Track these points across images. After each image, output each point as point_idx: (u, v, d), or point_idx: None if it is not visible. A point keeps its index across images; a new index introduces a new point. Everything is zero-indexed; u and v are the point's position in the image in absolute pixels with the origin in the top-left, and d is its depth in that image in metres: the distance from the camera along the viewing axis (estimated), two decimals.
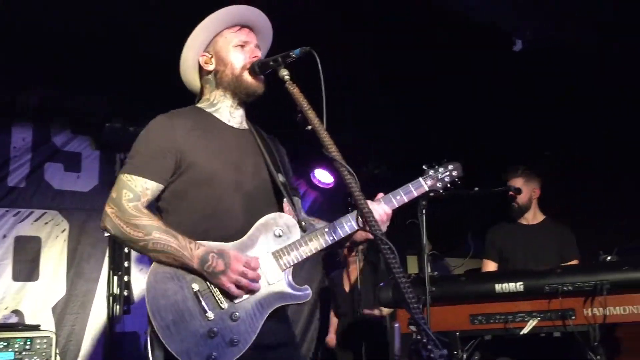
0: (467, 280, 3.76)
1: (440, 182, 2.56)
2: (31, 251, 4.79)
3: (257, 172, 2.41)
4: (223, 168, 2.33)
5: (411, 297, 1.94)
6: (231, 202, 2.30)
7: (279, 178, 2.42)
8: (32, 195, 4.85)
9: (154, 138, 2.31)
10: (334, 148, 2.10)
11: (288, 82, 2.25)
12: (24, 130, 4.88)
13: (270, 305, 2.19)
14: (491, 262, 4.63)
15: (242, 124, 2.52)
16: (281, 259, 2.25)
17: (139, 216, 2.16)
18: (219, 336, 2.10)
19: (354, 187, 2.06)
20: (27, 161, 4.85)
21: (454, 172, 2.60)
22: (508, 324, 3.50)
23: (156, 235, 2.13)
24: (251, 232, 2.26)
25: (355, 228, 2.34)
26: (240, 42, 2.45)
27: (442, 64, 4.85)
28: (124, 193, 2.20)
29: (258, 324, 2.16)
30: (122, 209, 2.17)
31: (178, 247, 2.12)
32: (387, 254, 1.98)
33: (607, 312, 3.25)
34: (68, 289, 4.88)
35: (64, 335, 4.74)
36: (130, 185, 2.22)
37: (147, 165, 2.26)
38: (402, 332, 3.62)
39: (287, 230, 2.30)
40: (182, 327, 2.08)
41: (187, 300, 2.12)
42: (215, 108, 2.46)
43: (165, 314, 2.09)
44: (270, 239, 2.27)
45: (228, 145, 2.40)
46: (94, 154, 5.24)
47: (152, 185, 2.25)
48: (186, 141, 2.30)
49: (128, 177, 2.23)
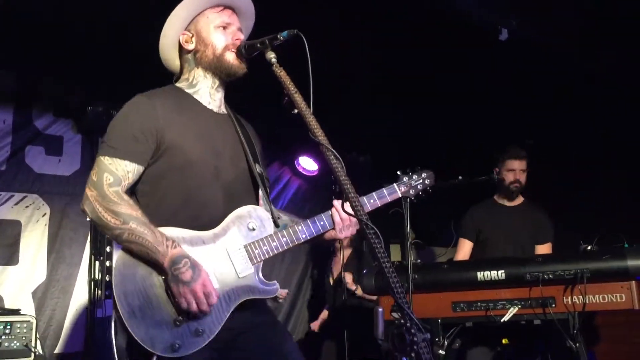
0: (450, 268, 3.79)
1: (413, 189, 2.62)
2: (11, 235, 4.72)
3: (236, 160, 2.39)
4: (203, 153, 2.30)
5: (395, 282, 1.95)
6: (211, 190, 2.28)
7: (256, 168, 2.41)
8: (13, 178, 4.77)
9: (133, 119, 2.25)
10: (320, 132, 2.10)
11: (275, 65, 2.24)
12: (4, 112, 4.78)
13: (237, 298, 2.18)
14: (467, 241, 4.67)
15: (221, 108, 2.49)
16: (252, 253, 2.23)
17: (119, 203, 2.12)
18: (184, 325, 2.08)
19: (339, 172, 2.06)
20: (8, 144, 4.77)
21: (427, 181, 2.66)
22: (489, 311, 3.54)
23: (133, 225, 2.09)
24: (225, 223, 2.24)
25: (328, 227, 2.36)
26: (223, 23, 2.41)
27: (427, 55, 4.85)
28: (105, 177, 2.15)
29: (224, 315, 2.15)
30: (102, 194, 2.13)
31: (154, 242, 2.08)
32: (372, 238, 1.98)
33: (586, 300, 3.30)
34: (49, 274, 4.82)
35: (45, 320, 4.69)
36: (111, 168, 2.17)
37: (128, 147, 2.20)
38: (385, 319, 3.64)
39: (260, 224, 2.29)
40: (147, 314, 2.06)
41: (154, 286, 2.09)
42: (195, 89, 2.42)
43: (132, 299, 2.06)
44: (244, 231, 2.26)
45: (208, 130, 2.37)
46: (76, 138, 5.16)
47: (133, 167, 2.21)
48: (167, 122, 2.26)
49: (109, 159, 2.18)
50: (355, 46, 4.73)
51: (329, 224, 2.36)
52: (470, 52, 4.72)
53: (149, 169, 2.26)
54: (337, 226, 2.37)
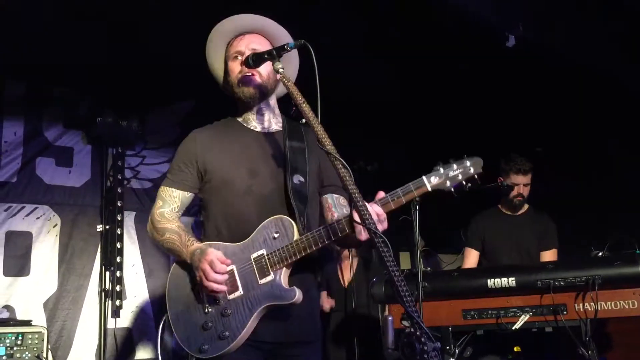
0: (460, 275, 3.77)
1: (451, 180, 2.23)
2: (22, 246, 4.75)
3: (274, 177, 2.48)
4: (237, 172, 2.47)
5: (405, 291, 1.94)
6: (243, 206, 2.43)
7: (292, 181, 2.44)
8: (24, 190, 4.81)
9: (179, 153, 2.60)
10: (328, 141, 2.10)
11: (282, 75, 2.25)
12: (15, 124, 4.83)
13: (259, 304, 2.30)
14: (474, 250, 4.66)
15: (272, 126, 2.58)
16: (272, 259, 2.32)
17: (161, 220, 2.50)
18: (212, 329, 2.31)
19: (348, 181, 2.06)
20: (19, 156, 4.81)
21: (471, 169, 2.26)
22: (500, 319, 3.52)
23: (167, 235, 2.47)
24: (253, 235, 2.38)
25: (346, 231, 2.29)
26: (235, 53, 2.52)
27: (435, 63, 4.86)
28: (157, 202, 2.55)
29: (247, 320, 2.28)
30: (152, 216, 2.54)
31: (180, 244, 2.42)
32: (381, 247, 1.98)
33: (598, 307, 3.27)
34: (59, 284, 4.84)
35: (56, 331, 4.71)
36: (162, 195, 2.56)
37: (174, 177, 2.56)
38: (394, 327, 3.62)
39: (283, 233, 2.35)
40: (187, 317, 2.37)
41: (191, 294, 2.40)
42: (242, 118, 2.61)
43: (176, 304, 2.41)
44: (268, 240, 2.36)
45: (245, 151, 2.51)
46: (86, 149, 5.20)
47: (178, 193, 2.54)
48: (205, 152, 2.52)
49: (162, 188, 2.58)
50: (364, 55, 4.75)
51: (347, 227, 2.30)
52: (478, 58, 4.72)
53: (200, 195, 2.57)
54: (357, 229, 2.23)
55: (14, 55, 4.48)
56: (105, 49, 4.47)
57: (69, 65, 4.65)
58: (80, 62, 4.58)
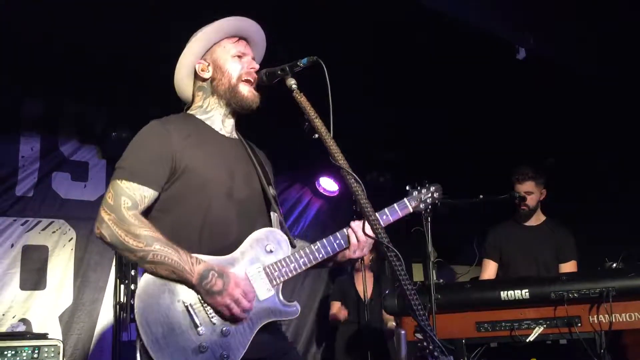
0: (473, 287, 3.77)
1: (423, 203, 2.64)
2: (38, 260, 4.80)
3: (249, 181, 2.43)
4: (217, 174, 2.34)
5: (417, 304, 1.96)
6: (225, 210, 2.30)
7: (269, 190, 2.45)
8: (40, 204, 4.88)
9: (149, 144, 2.29)
10: (341, 156, 2.13)
11: (295, 91, 2.29)
12: (32, 140, 4.91)
13: (260, 321, 2.21)
14: (492, 261, 4.64)
15: (232, 133, 2.54)
16: (272, 275, 2.26)
17: (139, 226, 2.13)
18: (209, 351, 2.10)
19: (360, 195, 2.08)
20: (35, 170, 4.88)
21: (435, 194, 2.68)
22: (514, 331, 3.51)
23: (157, 246, 2.10)
24: (243, 247, 2.27)
25: (344, 246, 2.38)
26: (239, 52, 2.49)
27: (446, 75, 4.88)
28: (123, 200, 2.16)
29: (248, 339, 2.17)
30: (120, 217, 2.13)
31: (179, 260, 2.10)
32: (393, 261, 2.00)
33: (613, 319, 3.26)
34: (75, 298, 4.89)
35: (71, 344, 4.75)
36: (128, 192, 2.18)
37: (145, 172, 2.23)
38: (407, 340, 3.62)
39: (277, 246, 2.32)
40: (171, 341, 2.07)
41: (177, 314, 2.10)
42: (208, 115, 2.48)
43: (155, 327, 2.07)
44: (261, 254, 2.28)
45: (221, 153, 2.42)
46: (101, 163, 5.26)
47: (150, 193, 2.23)
48: (182, 147, 2.30)
49: (126, 183, 2.20)
50: (373, 64, 4.78)
51: (345, 242, 2.38)
52: (489, 71, 4.74)
53: (163, 194, 2.29)
54: (352, 247, 2.40)
55: (30, 72, 4.56)
56: (120, 66, 4.53)
57: (84, 81, 4.72)
58: (95, 78, 4.64)
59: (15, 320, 4.59)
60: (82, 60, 4.44)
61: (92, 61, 4.46)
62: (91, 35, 4.13)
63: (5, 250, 4.66)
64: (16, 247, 4.71)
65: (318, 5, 3.83)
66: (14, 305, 4.61)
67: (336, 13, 3.97)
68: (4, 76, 4.53)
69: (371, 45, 4.45)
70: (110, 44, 4.28)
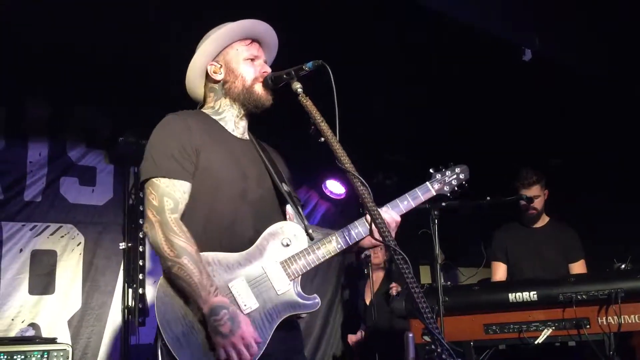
0: (481, 289, 3.76)
1: (448, 185, 2.53)
2: (47, 265, 4.82)
3: (262, 181, 2.44)
4: (231, 175, 2.36)
5: (425, 307, 1.96)
6: (240, 211, 2.32)
7: (282, 187, 2.46)
8: (48, 209, 4.89)
9: (176, 138, 2.30)
10: (347, 160, 2.14)
11: (301, 95, 2.29)
12: (40, 145, 4.93)
13: (279, 315, 2.20)
14: (502, 263, 4.62)
15: (244, 134, 2.56)
16: (289, 268, 2.25)
17: (179, 234, 2.15)
18: None
19: (367, 199, 2.09)
20: (43, 176, 4.90)
21: (461, 175, 2.58)
22: (522, 333, 3.50)
23: (185, 261, 2.11)
24: (259, 242, 2.27)
25: (363, 235, 2.35)
26: (252, 55, 2.51)
27: (452, 76, 4.88)
28: (166, 201, 2.18)
29: (268, 334, 2.16)
30: (164, 220, 2.16)
31: (199, 283, 2.09)
32: (400, 264, 2.00)
33: (622, 320, 3.24)
34: (84, 302, 4.90)
35: (80, 348, 4.77)
36: (168, 190, 2.20)
37: (179, 166, 2.24)
38: (415, 342, 3.62)
39: (294, 239, 2.31)
40: (192, 339, 2.09)
41: (196, 311, 2.13)
42: (220, 117, 2.50)
43: (175, 326, 2.10)
44: (278, 248, 2.28)
45: (235, 153, 2.44)
46: (108, 168, 5.29)
47: (187, 187, 2.25)
48: (202, 143, 2.33)
49: (165, 181, 2.21)
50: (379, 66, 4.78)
51: (364, 231, 2.35)
52: (489, 71, 4.73)
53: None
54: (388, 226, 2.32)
55: (36, 77, 4.58)
56: (127, 70, 4.55)
57: (91, 86, 4.74)
58: (102, 82, 4.67)
59: (25, 324, 4.61)
60: (89, 65, 4.45)
61: (98, 65, 4.47)
62: (96, 38, 4.14)
63: (14, 255, 4.68)
64: (25, 252, 4.73)
65: (318, 5, 3.83)
66: (23, 309, 4.63)
67: (336, 13, 3.97)
68: (10, 81, 4.56)
69: (371, 46, 4.44)
70: (116, 48, 4.29)
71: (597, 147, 5.68)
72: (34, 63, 4.39)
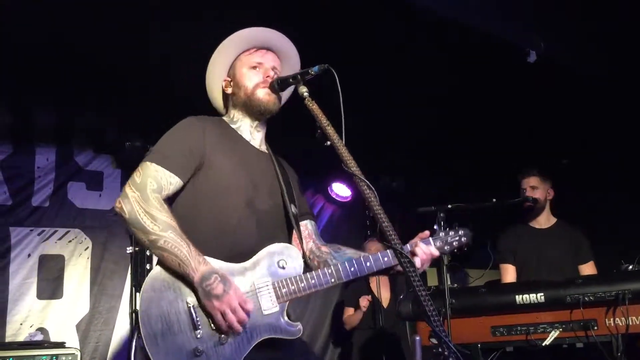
0: (488, 291, 3.75)
1: (448, 245, 2.52)
2: (55, 269, 4.86)
3: (272, 195, 2.43)
4: (240, 182, 2.35)
5: (431, 310, 1.96)
6: (243, 219, 2.30)
7: (291, 209, 2.44)
8: (56, 214, 4.94)
9: (185, 135, 2.34)
10: (353, 163, 2.14)
11: (307, 99, 2.30)
12: (48, 151, 4.97)
13: (259, 335, 2.15)
14: (511, 265, 4.57)
15: (262, 146, 2.57)
16: (280, 291, 2.20)
17: (160, 210, 2.14)
18: (204, 356, 2.06)
19: (373, 202, 2.09)
20: (51, 181, 4.94)
21: (463, 239, 2.57)
22: (530, 335, 3.49)
23: (171, 235, 2.10)
24: (256, 258, 2.24)
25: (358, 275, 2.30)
26: (254, 63, 2.51)
27: (460, 76, 4.88)
28: (149, 181, 2.19)
29: (244, 351, 2.11)
30: (145, 197, 2.15)
31: (188, 254, 2.08)
32: (407, 267, 2.00)
33: (629, 322, 3.23)
34: (92, 306, 4.94)
35: (89, 352, 4.80)
36: (156, 175, 2.21)
37: (175, 160, 2.26)
38: (422, 345, 3.62)
39: (290, 263, 2.27)
40: (169, 339, 2.05)
41: (179, 312, 2.09)
42: (237, 125, 2.52)
43: (156, 322, 2.06)
44: (273, 268, 2.24)
45: (248, 162, 2.44)
46: (115, 173, 5.32)
47: (175, 181, 2.26)
48: (213, 147, 2.34)
49: (156, 167, 2.23)
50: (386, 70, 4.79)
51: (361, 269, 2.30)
52: (495, 72, 4.73)
53: (185, 191, 2.32)
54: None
55: (42, 82, 4.61)
56: (132, 76, 4.57)
57: (98, 91, 4.77)
58: (108, 86, 4.69)
59: (33, 329, 4.65)
60: (95, 72, 4.48)
61: (105, 72, 4.49)
62: (105, 45, 4.17)
63: (23, 260, 4.72)
64: (33, 256, 4.77)
65: (318, 5, 3.84)
66: (31, 314, 4.67)
67: (336, 13, 3.98)
68: (13, 85, 4.59)
69: (371, 46, 4.45)
70: (124, 56, 4.32)
71: (597, 147, 5.67)
72: (36, 64, 4.39)
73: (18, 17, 3.84)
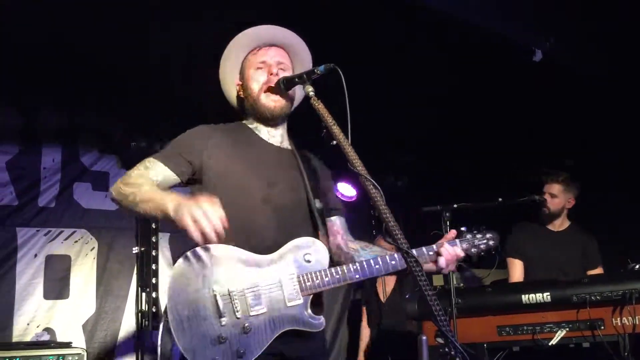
0: (494, 291, 3.76)
1: (475, 248, 2.53)
2: (61, 269, 4.87)
3: (294, 190, 2.45)
4: (253, 181, 2.38)
5: (438, 309, 1.95)
6: (262, 216, 2.34)
7: (315, 204, 2.45)
8: (62, 214, 4.94)
9: (187, 138, 2.45)
10: (359, 163, 2.14)
11: (313, 98, 2.30)
12: (54, 151, 4.98)
13: (282, 326, 2.19)
14: (518, 260, 4.55)
15: (283, 143, 2.58)
16: (304, 284, 2.24)
17: (137, 178, 2.28)
18: (227, 343, 2.12)
19: (379, 202, 2.09)
20: (57, 181, 4.95)
21: (491, 242, 2.56)
22: (536, 334, 3.49)
23: (145, 188, 2.23)
24: (282, 250, 2.28)
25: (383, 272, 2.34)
26: (259, 63, 2.52)
27: (463, 76, 4.87)
28: (136, 167, 2.34)
29: (267, 340, 2.16)
30: (127, 174, 2.32)
31: (161, 196, 2.17)
32: (413, 266, 2.00)
33: (636, 321, 3.22)
34: (98, 306, 4.95)
35: (95, 352, 4.80)
36: (147, 164, 2.35)
37: (172, 157, 2.38)
38: (429, 345, 3.62)
39: (316, 257, 2.30)
40: (194, 325, 2.11)
41: (205, 300, 2.14)
42: (254, 126, 2.56)
43: (182, 308, 2.12)
44: (299, 261, 2.27)
45: (264, 161, 2.47)
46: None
47: (168, 173, 2.35)
48: (216, 148, 2.40)
49: (152, 160, 2.37)
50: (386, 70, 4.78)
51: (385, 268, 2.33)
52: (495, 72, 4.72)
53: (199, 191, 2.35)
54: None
55: (44, 83, 4.62)
56: (132, 76, 4.58)
57: (99, 92, 4.78)
58: (110, 88, 4.70)
59: (40, 329, 4.66)
60: (101, 72, 4.50)
61: (110, 73, 4.50)
62: (111, 46, 4.18)
63: (29, 260, 4.73)
64: (39, 257, 4.78)
65: (318, 5, 3.84)
66: (37, 314, 4.67)
67: (336, 13, 3.97)
68: (18, 88, 4.61)
69: (372, 46, 4.44)
70: (128, 56, 4.33)
71: (597, 147, 5.65)
72: (36, 64, 4.40)
73: (18, 17, 3.84)
